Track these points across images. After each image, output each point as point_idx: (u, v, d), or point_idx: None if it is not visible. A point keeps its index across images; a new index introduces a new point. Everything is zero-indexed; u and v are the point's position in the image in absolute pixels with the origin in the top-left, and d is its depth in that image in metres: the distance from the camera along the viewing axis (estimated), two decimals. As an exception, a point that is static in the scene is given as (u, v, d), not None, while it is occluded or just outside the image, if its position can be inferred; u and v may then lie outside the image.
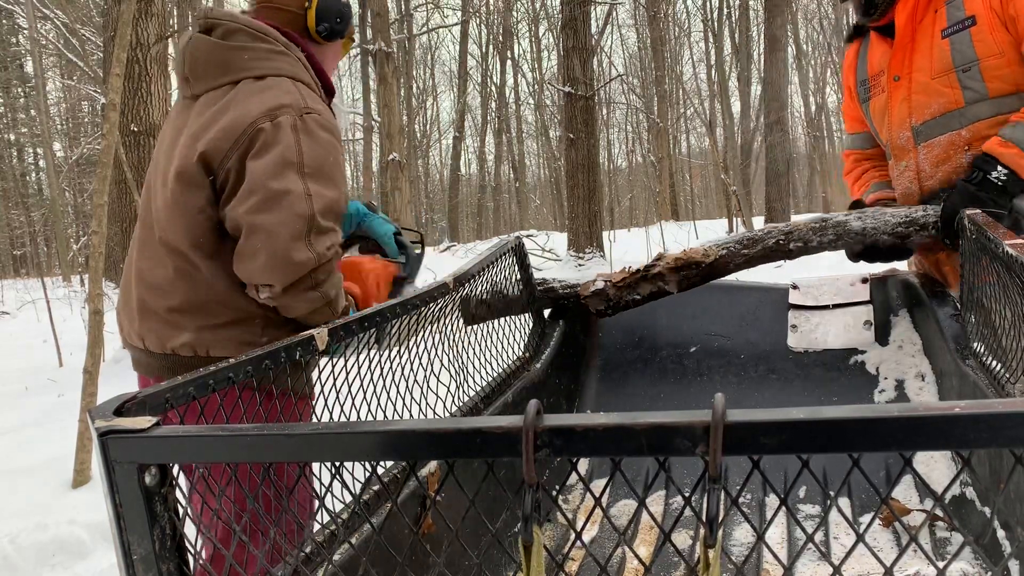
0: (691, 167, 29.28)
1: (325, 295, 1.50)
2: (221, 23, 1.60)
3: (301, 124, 1.49)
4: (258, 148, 1.47)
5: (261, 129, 1.47)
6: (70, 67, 18.12)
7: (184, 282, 1.52)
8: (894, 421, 0.49)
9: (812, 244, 1.80)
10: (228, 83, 1.57)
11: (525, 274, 1.92)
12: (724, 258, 1.84)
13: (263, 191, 1.44)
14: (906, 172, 1.96)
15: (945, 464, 1.57)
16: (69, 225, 21.60)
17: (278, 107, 1.49)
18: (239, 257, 1.48)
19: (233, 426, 0.66)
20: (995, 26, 1.76)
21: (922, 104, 1.88)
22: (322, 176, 1.49)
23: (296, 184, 1.45)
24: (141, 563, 0.68)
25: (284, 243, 1.43)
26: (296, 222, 1.44)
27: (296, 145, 1.47)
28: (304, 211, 1.45)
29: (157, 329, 1.55)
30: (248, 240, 1.46)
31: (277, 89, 1.53)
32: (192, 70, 1.62)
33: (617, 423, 0.54)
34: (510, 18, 24.75)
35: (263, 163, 1.46)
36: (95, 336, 3.96)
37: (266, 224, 1.43)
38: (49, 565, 2.91)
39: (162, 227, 1.55)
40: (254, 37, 1.58)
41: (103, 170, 4.08)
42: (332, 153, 1.53)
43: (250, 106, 1.50)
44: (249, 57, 1.57)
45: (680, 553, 0.64)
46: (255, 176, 1.46)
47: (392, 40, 9.60)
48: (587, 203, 10.97)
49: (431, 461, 1.28)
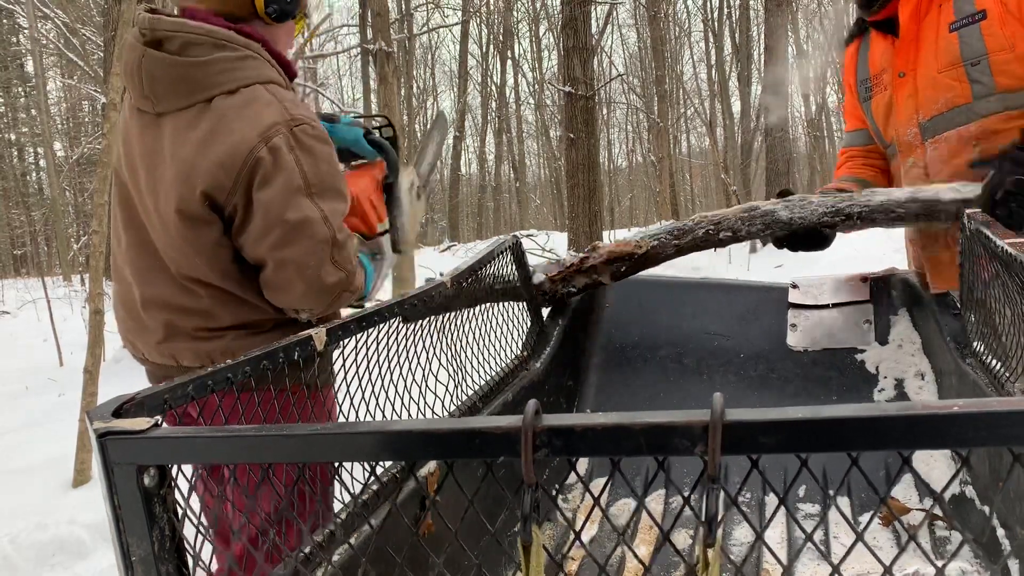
0: (691, 167, 29.26)
1: (357, 290, 1.56)
2: (174, 35, 1.51)
3: (295, 142, 1.47)
4: (261, 179, 1.45)
5: (260, 159, 1.44)
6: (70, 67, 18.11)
7: (224, 308, 1.53)
8: (893, 420, 0.49)
9: (741, 234, 1.83)
10: (199, 102, 1.51)
11: (523, 272, 1.91)
12: (656, 248, 1.88)
13: (281, 225, 1.44)
14: (914, 169, 1.94)
15: (944, 463, 1.57)
16: (69, 225, 21.60)
17: (268, 128, 1.45)
18: (271, 289, 1.50)
19: (232, 427, 0.66)
20: (1006, 20, 1.75)
21: (929, 99, 1.87)
22: (330, 191, 1.50)
23: (311, 210, 1.45)
24: (140, 564, 0.68)
25: (315, 272, 1.46)
26: (322, 249, 1.46)
27: (298, 167, 1.46)
28: (326, 236, 1.46)
29: (193, 346, 1.55)
30: (278, 274, 1.47)
31: (257, 104, 1.48)
32: (153, 90, 1.53)
33: (616, 423, 0.53)
34: (510, 18, 24.74)
35: (271, 194, 1.44)
36: (95, 336, 3.96)
37: (294, 257, 1.45)
38: (49, 565, 2.91)
39: (178, 264, 1.53)
40: (213, 46, 1.50)
41: (103, 170, 4.08)
42: (331, 163, 1.52)
43: (239, 132, 1.46)
44: (216, 71, 1.50)
45: (679, 553, 0.64)
46: (269, 210, 1.44)
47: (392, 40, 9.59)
48: (587, 203, 10.96)
49: (430, 461, 1.28)
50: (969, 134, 1.82)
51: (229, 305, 1.53)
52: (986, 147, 1.80)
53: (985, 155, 1.80)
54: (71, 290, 13.60)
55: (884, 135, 2.04)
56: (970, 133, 1.82)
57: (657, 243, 1.88)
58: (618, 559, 1.45)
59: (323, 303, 1.50)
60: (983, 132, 1.80)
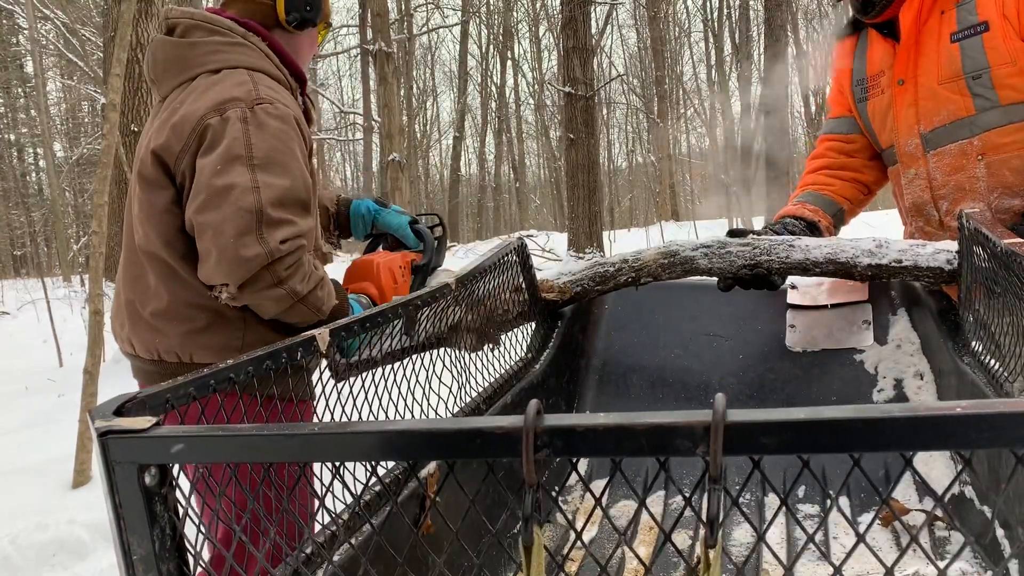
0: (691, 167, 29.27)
1: (292, 291, 1.45)
2: (180, 21, 1.59)
3: (251, 116, 1.46)
4: (206, 145, 1.45)
5: (208, 125, 1.45)
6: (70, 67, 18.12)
7: (164, 286, 1.51)
8: (895, 421, 0.49)
9: (662, 278, 1.87)
10: (186, 80, 1.56)
11: (528, 275, 1.91)
12: (578, 294, 1.95)
13: (207, 189, 1.41)
14: (916, 180, 1.92)
15: (944, 463, 1.57)
16: (69, 225, 21.60)
17: (226, 100, 1.46)
18: (199, 259, 1.45)
19: (233, 426, 0.66)
20: (1009, 34, 1.72)
21: (930, 110, 1.84)
22: (273, 166, 1.45)
23: (241, 177, 1.41)
24: (141, 563, 0.68)
25: (231, 240, 1.39)
26: (242, 217, 1.39)
27: (243, 137, 1.43)
28: (250, 204, 1.40)
29: (144, 335, 1.55)
30: (200, 241, 1.43)
31: (228, 82, 1.50)
32: (154, 72, 1.61)
33: (617, 423, 0.53)
34: (510, 18, 24.76)
35: (210, 160, 1.43)
36: (95, 336, 3.96)
37: (211, 222, 1.40)
38: (49, 565, 2.91)
39: (138, 233, 1.55)
40: (210, 31, 1.56)
41: (103, 170, 4.08)
42: (284, 142, 1.48)
43: (200, 102, 1.48)
44: (204, 52, 1.55)
45: (680, 553, 0.64)
46: (202, 174, 1.43)
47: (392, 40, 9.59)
48: (587, 203, 10.97)
49: (431, 461, 1.28)
50: (972, 148, 1.80)
51: (165, 283, 1.51)
52: (991, 160, 1.78)
53: None
54: (71, 291, 13.60)
55: (880, 139, 2.01)
56: (973, 147, 1.80)
57: (580, 289, 1.94)
58: (618, 560, 1.45)
59: (236, 277, 1.40)
60: (986, 145, 1.79)
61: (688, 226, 14.29)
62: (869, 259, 1.70)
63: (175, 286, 1.51)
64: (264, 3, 1.64)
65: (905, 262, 1.68)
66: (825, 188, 2.11)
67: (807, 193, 2.13)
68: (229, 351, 1.46)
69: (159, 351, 1.53)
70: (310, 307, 1.49)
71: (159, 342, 1.53)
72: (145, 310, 1.53)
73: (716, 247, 1.81)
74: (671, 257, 1.85)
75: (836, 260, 1.72)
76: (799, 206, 2.09)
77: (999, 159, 1.79)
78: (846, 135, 2.12)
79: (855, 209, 2.16)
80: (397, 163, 9.55)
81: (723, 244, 1.82)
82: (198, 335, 1.51)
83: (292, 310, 1.48)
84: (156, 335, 1.53)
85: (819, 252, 1.74)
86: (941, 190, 1.87)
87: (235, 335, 1.51)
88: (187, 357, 1.51)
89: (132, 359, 1.62)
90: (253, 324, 1.52)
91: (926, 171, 1.89)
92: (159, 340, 1.53)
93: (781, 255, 1.76)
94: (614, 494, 1.74)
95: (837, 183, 2.11)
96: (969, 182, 1.82)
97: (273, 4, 1.63)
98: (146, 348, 1.55)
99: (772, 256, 1.77)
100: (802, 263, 1.75)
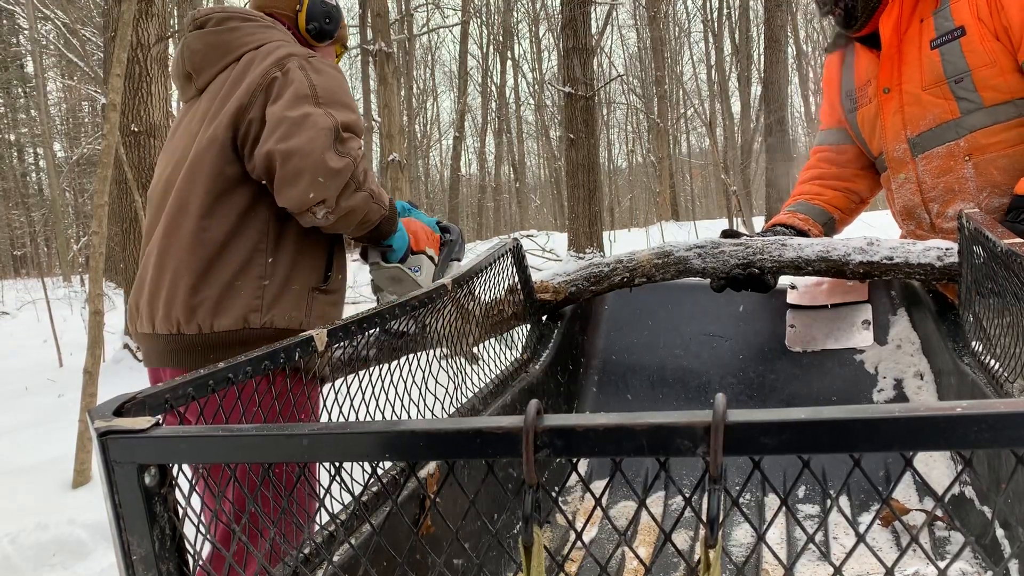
0: (691, 167, 29.27)
1: (370, 191, 1.63)
2: (211, 16, 1.75)
3: (308, 64, 1.64)
4: (274, 95, 1.61)
5: (274, 78, 1.62)
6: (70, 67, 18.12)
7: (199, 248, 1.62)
8: (896, 421, 0.49)
9: (656, 278, 1.88)
10: (231, 61, 1.70)
11: (523, 275, 1.92)
12: (573, 294, 1.97)
13: (286, 122, 1.56)
14: (906, 184, 1.94)
15: (944, 463, 1.57)
16: (69, 225, 21.60)
17: (285, 56, 1.64)
18: (281, 187, 1.57)
19: (233, 426, 0.66)
20: (985, 36, 1.74)
21: (916, 116, 1.86)
22: (336, 102, 1.63)
23: (314, 108, 1.58)
24: (141, 563, 0.68)
25: (320, 156, 1.54)
26: (324, 135, 1.55)
27: (307, 80, 1.61)
28: (327, 124, 1.57)
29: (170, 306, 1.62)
30: (285, 167, 1.55)
31: (280, 49, 1.68)
32: (192, 63, 1.74)
33: (617, 423, 0.53)
34: (510, 18, 24.76)
35: (280, 103, 1.59)
36: (95, 336, 3.96)
37: (298, 146, 1.54)
38: (49, 565, 2.91)
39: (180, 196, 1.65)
40: (244, 19, 1.74)
41: (103, 170, 4.08)
42: (340, 83, 1.67)
43: (260, 66, 1.65)
44: (244, 34, 1.72)
45: (680, 553, 0.63)
46: (275, 113, 1.58)
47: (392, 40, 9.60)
48: (587, 203, 10.97)
49: (431, 462, 1.28)
50: (959, 149, 1.82)
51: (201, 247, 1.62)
52: (978, 160, 1.79)
53: None
54: (71, 291, 13.60)
55: (871, 147, 2.03)
56: (960, 148, 1.82)
57: (575, 289, 1.95)
58: (618, 560, 1.45)
59: (332, 189, 1.56)
60: (973, 146, 1.80)
61: (688, 226, 14.29)
62: (861, 256, 1.71)
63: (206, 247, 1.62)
64: (288, 15, 1.81)
65: (896, 259, 1.69)
66: (816, 198, 2.14)
67: (798, 203, 2.16)
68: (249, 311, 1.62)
69: (180, 320, 1.62)
70: (379, 203, 1.67)
71: (182, 312, 1.61)
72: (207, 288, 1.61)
73: (710, 247, 1.82)
74: (665, 257, 1.85)
75: (828, 258, 1.73)
76: (789, 215, 2.12)
77: (986, 159, 1.80)
78: (837, 145, 2.15)
79: (846, 218, 2.18)
80: (397, 163, 9.55)
81: (716, 244, 1.82)
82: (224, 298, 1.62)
83: (371, 211, 1.66)
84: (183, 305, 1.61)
85: (811, 250, 1.75)
86: (931, 192, 1.89)
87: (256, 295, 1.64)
88: (208, 327, 1.61)
89: (148, 339, 1.68)
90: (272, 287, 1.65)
91: (915, 175, 1.91)
92: (183, 310, 1.61)
93: (774, 254, 1.77)
94: (614, 494, 1.73)
95: (828, 193, 2.14)
96: (958, 183, 1.84)
97: (296, 16, 1.81)
98: (167, 319, 1.63)
99: (765, 255, 1.78)
100: (795, 261, 1.76)
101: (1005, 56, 1.73)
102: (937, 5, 1.82)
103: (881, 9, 1.88)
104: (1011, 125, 1.78)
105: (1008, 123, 1.77)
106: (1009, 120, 1.77)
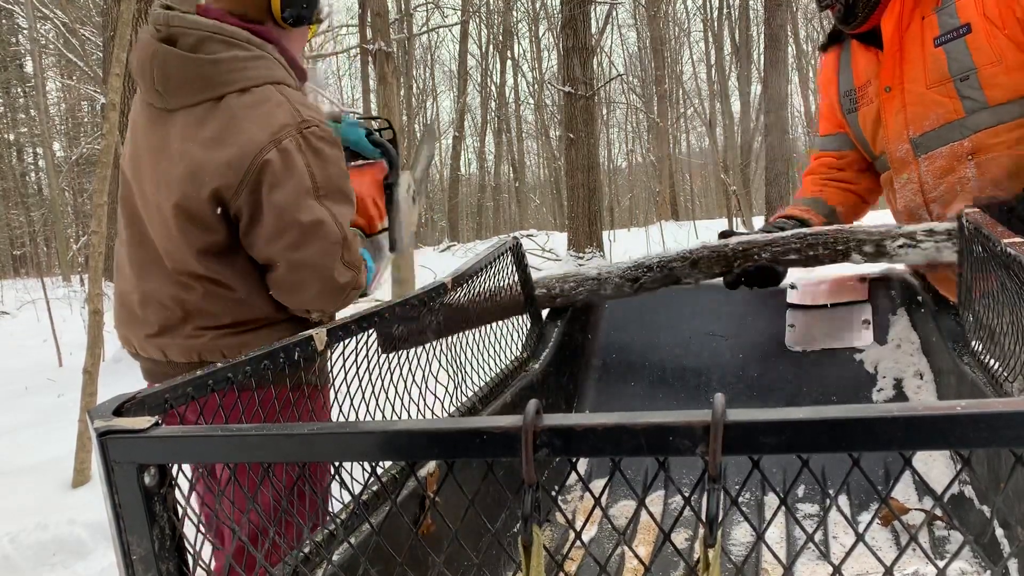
0: (691, 167, 29.28)
1: (361, 286, 1.60)
2: (187, 32, 1.52)
3: (305, 144, 1.48)
4: (271, 181, 1.46)
5: (269, 160, 1.45)
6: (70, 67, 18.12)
7: (215, 303, 1.55)
8: (895, 421, 0.49)
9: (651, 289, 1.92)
10: (210, 99, 1.52)
11: (523, 274, 1.92)
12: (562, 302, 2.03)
13: (296, 227, 1.46)
14: (908, 185, 1.93)
15: (944, 463, 1.57)
16: (69, 225, 21.60)
17: (279, 129, 1.47)
18: (283, 290, 1.52)
19: (233, 426, 0.66)
20: (991, 33, 1.72)
21: (919, 115, 1.84)
22: (337, 194, 1.53)
23: (322, 212, 1.48)
24: (140, 563, 0.68)
25: (329, 272, 1.49)
26: (334, 250, 1.49)
27: (307, 170, 1.48)
28: (338, 237, 1.50)
29: (182, 343, 1.57)
30: (292, 275, 1.50)
31: (269, 104, 1.49)
32: (165, 86, 1.55)
33: (617, 423, 0.53)
34: (510, 18, 24.76)
35: (283, 196, 1.46)
36: (95, 336, 3.96)
37: (309, 259, 1.48)
38: (49, 565, 2.91)
39: (173, 258, 1.55)
40: (227, 45, 1.52)
41: (103, 170, 4.08)
42: (338, 165, 1.55)
43: (249, 132, 1.47)
44: (227, 69, 1.51)
45: (680, 553, 0.64)
46: (281, 213, 1.46)
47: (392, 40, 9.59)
48: (587, 203, 10.98)
49: (430, 462, 1.28)
50: (963, 149, 1.80)
51: (221, 301, 1.55)
52: (981, 160, 1.79)
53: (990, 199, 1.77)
54: (70, 290, 13.60)
55: (872, 148, 2.01)
56: (964, 148, 1.80)
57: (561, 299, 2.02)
58: (618, 559, 1.45)
59: (336, 303, 1.55)
60: (976, 147, 1.79)
61: (688, 226, 14.28)
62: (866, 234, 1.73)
63: (229, 304, 1.55)
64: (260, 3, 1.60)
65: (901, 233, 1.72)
66: (817, 194, 2.13)
67: (798, 199, 2.16)
68: None
69: (200, 354, 1.56)
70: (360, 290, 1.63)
71: (203, 344, 1.56)
72: (189, 323, 1.56)
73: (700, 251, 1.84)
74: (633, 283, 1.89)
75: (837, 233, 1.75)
76: (791, 208, 2.12)
77: (988, 159, 1.79)
78: (837, 151, 2.14)
79: (849, 215, 2.16)
80: (397, 163, 9.55)
81: (714, 250, 1.82)
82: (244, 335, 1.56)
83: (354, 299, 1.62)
84: (200, 342, 1.56)
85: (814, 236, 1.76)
86: (932, 193, 1.88)
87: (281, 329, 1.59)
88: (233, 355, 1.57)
89: (156, 364, 1.63)
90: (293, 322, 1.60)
91: (917, 175, 1.89)
92: (203, 343, 1.56)
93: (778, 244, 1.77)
94: (614, 494, 1.74)
95: (828, 189, 2.13)
96: (960, 183, 1.83)
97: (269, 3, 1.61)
98: (183, 352, 1.57)
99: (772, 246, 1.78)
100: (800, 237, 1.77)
101: (1012, 52, 1.72)
102: (940, 3, 1.80)
103: (882, 6, 1.87)
104: (1015, 125, 1.76)
105: (1012, 123, 1.75)
106: (1013, 120, 1.75)
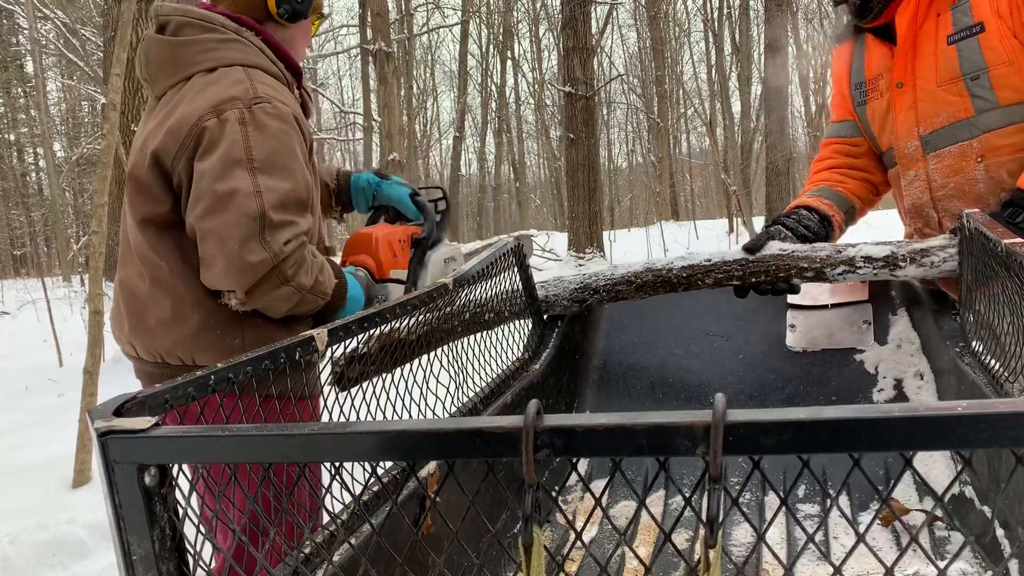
0: (691, 167, 29.28)
1: (299, 286, 1.46)
2: (171, 18, 1.56)
3: (249, 116, 1.44)
4: (204, 148, 1.43)
5: (206, 127, 1.42)
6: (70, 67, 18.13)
7: (163, 291, 1.51)
8: (896, 421, 0.49)
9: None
10: (182, 80, 1.53)
11: (524, 275, 1.91)
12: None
13: (210, 195, 1.40)
14: (916, 182, 1.92)
15: (944, 463, 1.57)
16: (69, 225, 21.60)
17: (223, 101, 1.44)
18: (202, 265, 1.45)
19: (233, 426, 0.66)
20: (1004, 34, 1.72)
21: (929, 113, 1.84)
22: (274, 168, 1.44)
23: (243, 182, 1.40)
24: (141, 563, 0.68)
25: (236, 246, 1.38)
26: (246, 223, 1.39)
27: (243, 140, 1.42)
28: (252, 210, 1.39)
29: (145, 338, 1.55)
30: (203, 246, 1.42)
31: (225, 80, 1.48)
32: (147, 71, 1.59)
33: (617, 423, 0.53)
34: (510, 18, 24.75)
35: (209, 164, 1.42)
36: (95, 336, 3.96)
37: (215, 228, 1.39)
38: (49, 565, 2.91)
39: (134, 238, 1.54)
40: (202, 28, 1.54)
41: (103, 170, 4.08)
42: (285, 142, 1.47)
43: (196, 102, 1.46)
44: (198, 50, 1.52)
45: (680, 553, 0.64)
46: (202, 179, 1.42)
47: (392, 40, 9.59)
48: (587, 203, 10.98)
49: (431, 461, 1.28)
50: (972, 149, 1.79)
51: (170, 288, 1.50)
52: (990, 162, 1.78)
53: None
54: (71, 291, 13.59)
55: (880, 142, 2.00)
56: (972, 148, 1.79)
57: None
58: (618, 560, 1.45)
59: (244, 283, 1.41)
60: (985, 147, 1.78)
61: (688, 226, 14.27)
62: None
63: (175, 291, 1.50)
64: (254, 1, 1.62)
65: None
66: (838, 185, 2.10)
67: (822, 188, 2.09)
68: (230, 351, 1.46)
69: (161, 354, 1.53)
70: (316, 294, 1.51)
71: (161, 345, 1.52)
72: (146, 315, 1.53)
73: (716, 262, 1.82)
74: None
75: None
76: (815, 199, 2.05)
77: (997, 161, 1.78)
78: (851, 138, 2.11)
79: (864, 209, 2.14)
80: (397, 163, 9.55)
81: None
82: (199, 337, 1.50)
83: (301, 302, 1.49)
84: (157, 338, 1.52)
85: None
86: (940, 191, 1.87)
87: (235, 335, 1.51)
88: (189, 359, 1.51)
89: (134, 361, 1.61)
90: (252, 323, 1.52)
91: (925, 173, 1.88)
92: (161, 343, 1.52)
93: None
94: (614, 494, 1.73)
95: (850, 182, 2.10)
96: (968, 184, 1.82)
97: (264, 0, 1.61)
98: (148, 351, 1.55)
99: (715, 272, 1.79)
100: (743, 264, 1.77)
101: (1021, 55, 1.71)
102: (955, 0, 1.80)
103: (897, 1, 1.86)
104: None
105: (1022, 124, 1.75)
106: (1023, 122, 1.75)
